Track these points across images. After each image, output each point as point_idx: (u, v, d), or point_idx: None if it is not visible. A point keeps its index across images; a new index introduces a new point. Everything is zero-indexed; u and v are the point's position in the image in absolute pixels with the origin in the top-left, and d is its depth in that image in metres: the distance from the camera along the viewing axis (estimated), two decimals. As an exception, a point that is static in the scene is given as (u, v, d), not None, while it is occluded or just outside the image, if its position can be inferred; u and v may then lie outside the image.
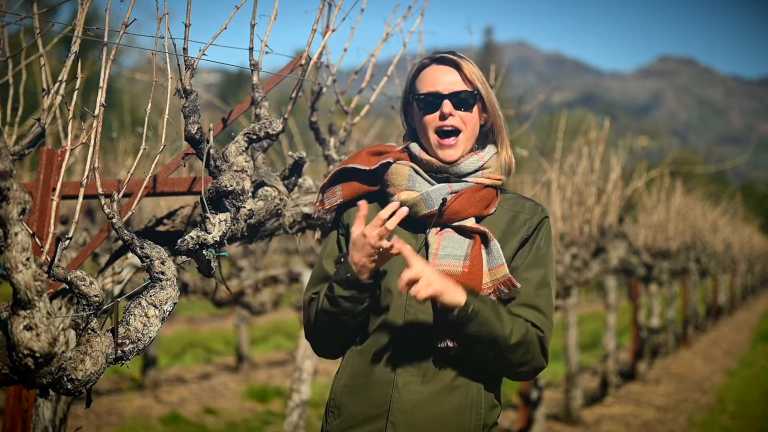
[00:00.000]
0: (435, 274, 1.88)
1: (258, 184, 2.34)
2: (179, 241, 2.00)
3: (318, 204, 2.15)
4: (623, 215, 7.41)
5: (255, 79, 2.28)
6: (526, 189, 6.97)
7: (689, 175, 16.72)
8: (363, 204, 1.97)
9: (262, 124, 2.21)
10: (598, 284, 13.65)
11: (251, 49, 2.24)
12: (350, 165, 2.13)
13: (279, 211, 2.38)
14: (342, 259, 2.01)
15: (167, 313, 1.83)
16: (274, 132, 2.21)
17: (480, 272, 1.98)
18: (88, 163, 1.81)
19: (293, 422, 4.88)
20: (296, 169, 2.48)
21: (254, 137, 2.18)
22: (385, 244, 1.90)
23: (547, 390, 8.86)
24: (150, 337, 1.80)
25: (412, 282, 1.86)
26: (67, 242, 1.72)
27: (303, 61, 2.43)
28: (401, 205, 2.01)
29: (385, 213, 1.92)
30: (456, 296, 1.89)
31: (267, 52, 2.27)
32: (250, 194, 2.12)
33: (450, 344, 1.96)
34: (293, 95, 2.39)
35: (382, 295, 2.03)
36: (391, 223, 1.91)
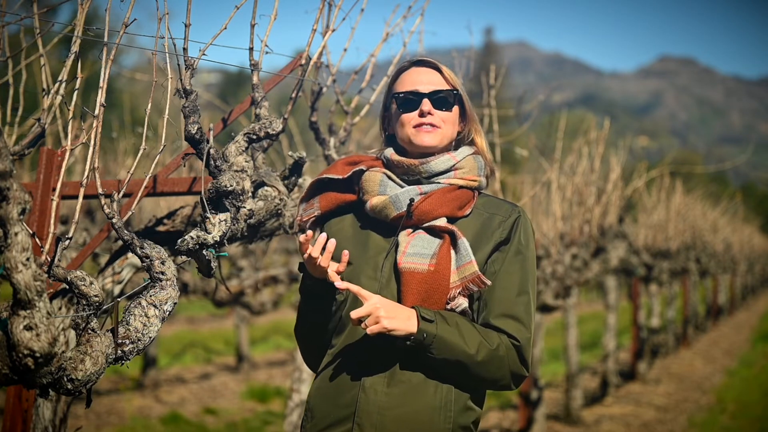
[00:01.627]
0: (386, 308, 1.90)
1: (258, 184, 2.34)
2: (179, 241, 2.00)
3: (298, 218, 2.17)
4: (623, 215, 7.41)
5: (255, 79, 2.28)
6: (526, 189, 6.97)
7: (689, 175, 16.72)
8: (309, 232, 2.00)
9: (262, 124, 2.21)
10: (598, 284, 13.65)
11: (251, 49, 2.24)
12: (325, 176, 2.14)
13: (279, 211, 2.38)
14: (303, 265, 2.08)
15: (167, 313, 1.83)
16: (274, 132, 2.21)
17: (447, 271, 1.97)
18: (88, 163, 1.81)
19: (293, 422, 4.89)
20: (296, 169, 2.48)
21: (254, 137, 2.18)
22: (331, 278, 1.98)
23: (547, 390, 8.86)
24: (150, 337, 1.80)
25: (362, 318, 1.90)
26: (67, 242, 1.72)
27: (303, 61, 2.43)
28: (372, 209, 2.06)
29: (315, 252, 1.96)
30: (408, 326, 1.90)
31: (267, 52, 2.27)
32: (250, 194, 2.12)
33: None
34: (293, 95, 2.39)
35: (350, 299, 2.04)
36: (324, 261, 1.96)
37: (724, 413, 8.15)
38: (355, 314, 1.89)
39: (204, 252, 2.02)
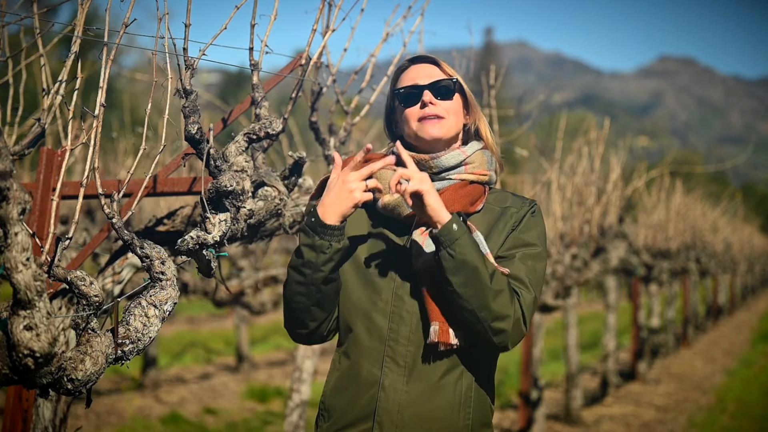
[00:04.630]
0: (431, 185, 1.90)
1: (258, 184, 2.34)
2: (179, 241, 2.00)
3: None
4: (623, 215, 7.41)
5: (255, 79, 2.28)
6: (526, 189, 6.97)
7: (689, 175, 16.73)
8: (337, 156, 1.97)
9: (262, 124, 2.21)
10: (598, 284, 13.65)
11: (251, 49, 2.24)
12: None
13: (279, 211, 2.38)
14: (311, 210, 1.99)
15: (167, 313, 1.83)
16: (274, 132, 2.21)
17: None
18: (88, 163, 1.81)
19: (293, 422, 4.89)
20: (296, 169, 2.48)
21: (254, 137, 2.18)
22: (370, 183, 1.92)
23: (547, 390, 8.86)
24: (150, 337, 1.80)
25: (405, 179, 1.88)
26: (67, 242, 1.72)
27: (303, 61, 2.43)
28: (385, 207, 2.04)
29: (359, 156, 1.92)
30: (441, 211, 1.89)
31: (267, 52, 2.27)
32: (250, 194, 2.12)
33: (437, 340, 1.93)
34: (293, 95, 2.39)
35: (367, 296, 2.02)
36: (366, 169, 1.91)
37: (724, 413, 8.15)
38: (402, 170, 1.87)
39: (204, 252, 2.02)
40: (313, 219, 1.94)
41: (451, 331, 1.94)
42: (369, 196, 1.92)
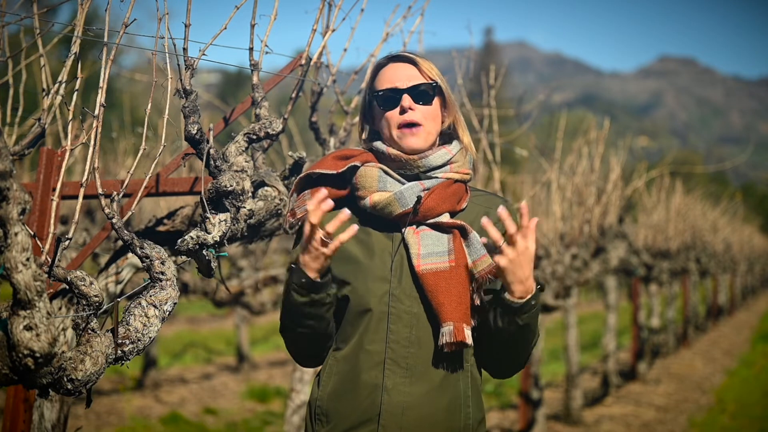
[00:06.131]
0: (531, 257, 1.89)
1: (258, 184, 2.34)
2: (179, 241, 2.00)
3: (289, 214, 2.09)
4: (623, 215, 7.41)
5: (255, 79, 2.28)
6: (526, 189, 6.98)
7: (689, 175, 16.73)
8: (328, 207, 1.92)
9: (262, 124, 2.21)
10: (598, 284, 13.65)
11: (251, 49, 2.24)
12: (317, 171, 2.07)
13: (279, 211, 2.38)
14: (293, 265, 1.96)
15: (167, 313, 1.83)
16: (274, 132, 2.21)
17: (466, 264, 1.98)
18: (88, 163, 1.81)
19: (294, 423, 4.89)
20: (296, 169, 2.48)
21: (254, 137, 2.18)
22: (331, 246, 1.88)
23: (548, 390, 8.86)
24: (150, 337, 1.80)
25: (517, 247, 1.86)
26: (67, 242, 1.72)
27: (303, 61, 2.43)
28: (374, 206, 2.02)
29: (332, 227, 1.87)
30: (531, 282, 1.90)
31: (267, 52, 2.27)
32: (250, 194, 2.12)
33: (452, 341, 1.93)
34: (293, 95, 2.40)
35: (362, 298, 2.00)
36: (331, 226, 1.87)
37: (724, 413, 8.15)
38: (518, 233, 1.85)
39: (204, 252, 2.02)
40: (303, 280, 1.92)
41: (466, 329, 1.94)
42: (335, 245, 1.88)
